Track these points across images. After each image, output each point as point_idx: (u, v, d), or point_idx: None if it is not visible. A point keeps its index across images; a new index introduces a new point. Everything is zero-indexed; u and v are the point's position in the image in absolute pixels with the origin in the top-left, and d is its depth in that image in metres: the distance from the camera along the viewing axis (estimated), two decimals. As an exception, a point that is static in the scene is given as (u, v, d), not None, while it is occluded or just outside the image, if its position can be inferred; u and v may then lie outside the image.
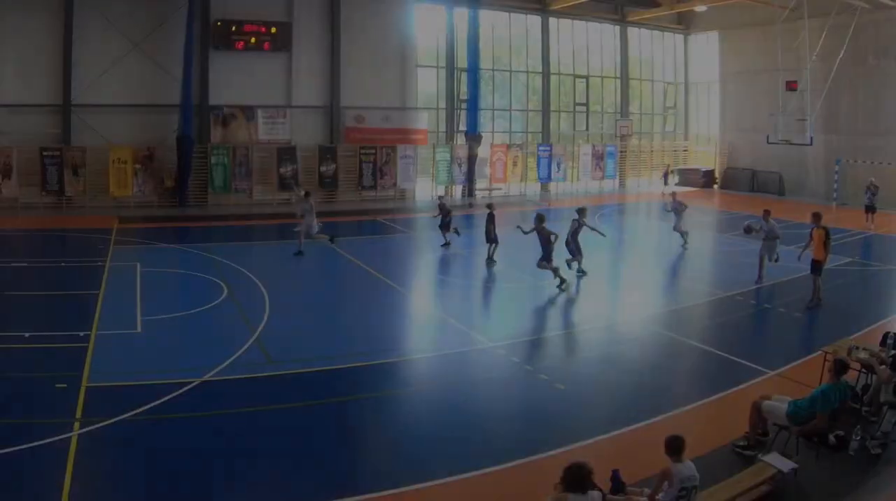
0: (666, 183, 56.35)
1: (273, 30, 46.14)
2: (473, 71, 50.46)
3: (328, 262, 28.86)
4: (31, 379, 15.44)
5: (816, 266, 22.85)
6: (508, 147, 53.16)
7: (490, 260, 28.82)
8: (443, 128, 52.99)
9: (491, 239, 28.89)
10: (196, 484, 11.66)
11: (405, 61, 50.86)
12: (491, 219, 28.93)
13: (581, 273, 26.71)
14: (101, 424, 13.31)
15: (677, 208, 32.46)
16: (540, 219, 24.97)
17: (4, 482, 11.24)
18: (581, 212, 26.90)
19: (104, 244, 30.62)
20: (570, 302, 23.85)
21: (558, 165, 54.84)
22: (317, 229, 29.16)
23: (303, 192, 31.14)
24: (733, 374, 16.87)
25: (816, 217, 23.03)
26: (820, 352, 16.22)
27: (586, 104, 58.56)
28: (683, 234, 32.53)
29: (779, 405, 12.94)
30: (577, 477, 8.74)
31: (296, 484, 11.73)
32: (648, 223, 44.22)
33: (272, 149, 46.83)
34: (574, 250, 26.44)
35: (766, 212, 26.08)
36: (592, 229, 27.05)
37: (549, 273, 25.07)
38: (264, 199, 46.16)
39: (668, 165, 59.14)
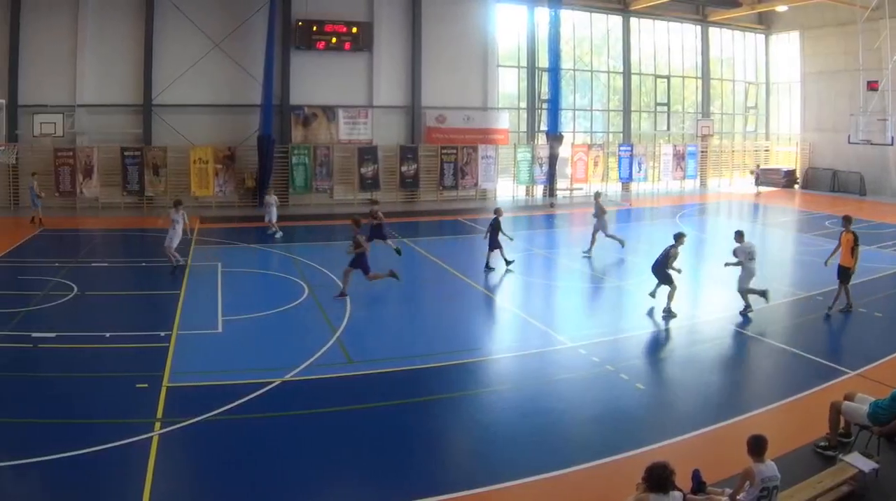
0: (757, 183, 52.57)
1: (354, 30, 43.82)
2: (555, 71, 46.97)
3: (409, 262, 26.57)
4: (112, 379, 14.88)
5: (844, 273, 20.48)
6: (589, 147, 50.05)
7: (488, 268, 26.23)
8: (524, 128, 49.93)
9: (494, 245, 25.98)
10: (275, 485, 11.04)
11: (486, 61, 47.91)
12: (496, 225, 25.93)
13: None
14: (181, 424, 12.79)
15: (598, 213, 28.59)
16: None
17: (88, 481, 10.83)
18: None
19: (185, 244, 28.10)
20: (651, 303, 21.65)
21: (639, 165, 51.49)
22: (177, 243, 24.67)
23: (174, 202, 26.04)
24: (814, 374, 15.96)
25: (846, 220, 20.83)
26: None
27: (667, 104, 54.87)
28: (617, 240, 28.92)
29: (858, 406, 12.11)
30: (659, 478, 8.30)
31: (375, 485, 11.22)
32: (729, 223, 40.57)
33: (353, 148, 44.38)
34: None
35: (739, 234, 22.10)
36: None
37: (632, 273, 24.68)
38: (345, 199, 43.77)
39: (758, 166, 54.61)
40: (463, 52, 47.09)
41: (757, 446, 9.42)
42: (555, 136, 47.24)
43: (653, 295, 21.74)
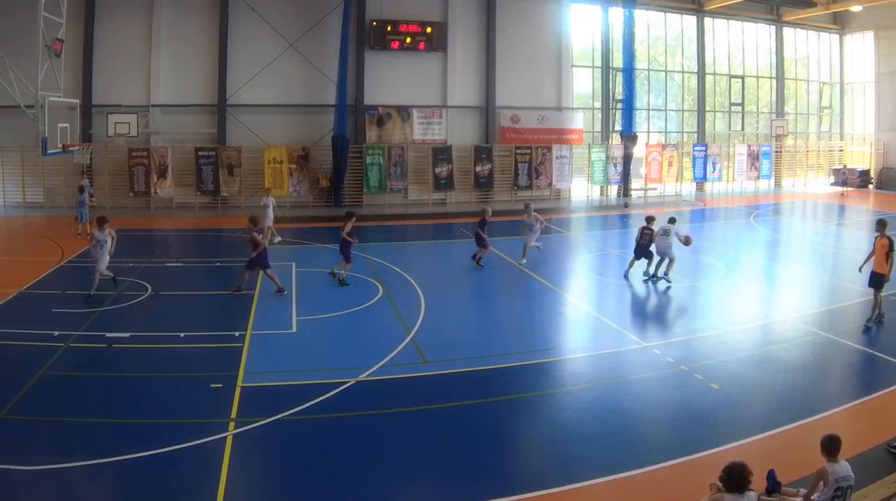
0: (844, 183, 48.85)
1: (428, 30, 41.05)
2: (629, 71, 43.94)
3: (483, 262, 24.99)
4: (186, 380, 14.34)
5: (877, 280, 18.36)
6: (664, 147, 46.79)
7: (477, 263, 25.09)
8: (598, 128, 46.70)
9: (482, 243, 24.79)
10: (349, 484, 10.52)
11: (560, 61, 44.70)
12: (482, 225, 24.67)
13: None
14: (255, 424, 12.25)
15: (531, 225, 25.59)
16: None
17: (163, 481, 10.34)
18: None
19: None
20: (725, 302, 21.29)
21: (714, 165, 48.25)
22: (106, 265, 20.52)
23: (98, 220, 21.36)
24: (888, 374, 15.15)
25: (881, 225, 18.90)
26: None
27: (741, 104, 51.76)
28: (526, 249, 25.86)
29: None
30: (738, 478, 7.83)
31: (450, 485, 10.59)
32: (803, 223, 39.27)
33: (427, 149, 41.48)
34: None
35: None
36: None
37: (713, 273, 24.47)
38: (420, 199, 41.36)
39: (844, 166, 50.75)
40: (537, 51, 44.05)
41: (831, 446, 8.88)
42: (629, 136, 44.24)
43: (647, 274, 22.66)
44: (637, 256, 23.18)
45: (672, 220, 22.74)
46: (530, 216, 25.25)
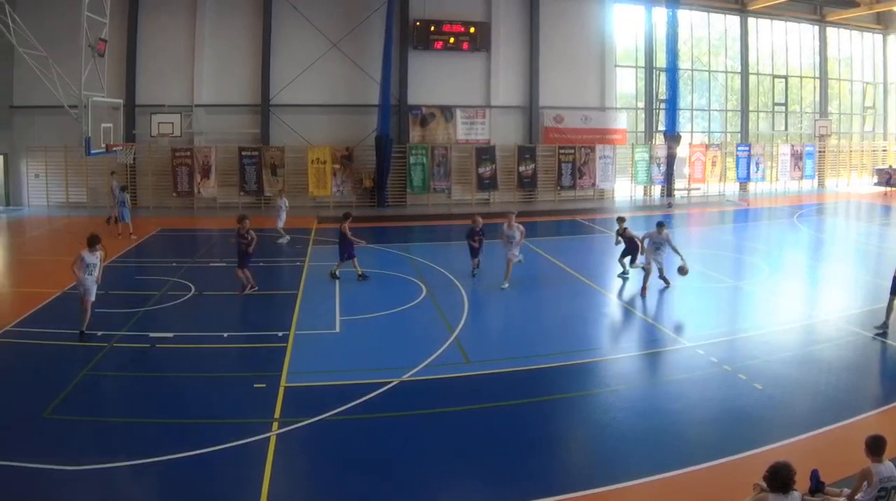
0: (888, 183, 46.82)
1: (472, 30, 39.38)
2: (672, 71, 42.08)
3: (527, 262, 23.89)
4: (230, 379, 14.03)
5: None
6: (707, 147, 44.90)
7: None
8: (641, 127, 44.71)
9: (475, 252, 22.36)
10: (393, 484, 10.15)
11: (604, 61, 42.75)
12: (472, 232, 22.25)
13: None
14: (299, 424, 11.80)
15: (511, 236, 21.60)
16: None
17: (206, 481, 10.01)
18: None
19: (303, 244, 27.51)
20: (768, 302, 20.36)
21: (757, 165, 46.16)
22: (94, 295, 16.50)
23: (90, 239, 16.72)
24: None
25: None
26: None
27: (785, 104, 49.51)
28: (509, 268, 21.68)
29: None
30: (782, 478, 7.62)
31: (493, 485, 10.22)
32: (847, 223, 37.85)
33: (471, 149, 39.74)
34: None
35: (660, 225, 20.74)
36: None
37: (756, 273, 23.58)
38: (463, 199, 39.66)
39: (891, 166, 48.63)
40: (580, 51, 42.18)
41: (875, 446, 8.52)
42: (672, 136, 42.42)
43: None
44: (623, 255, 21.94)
45: (661, 225, 20.52)
46: (511, 225, 21.48)
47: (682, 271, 20.10)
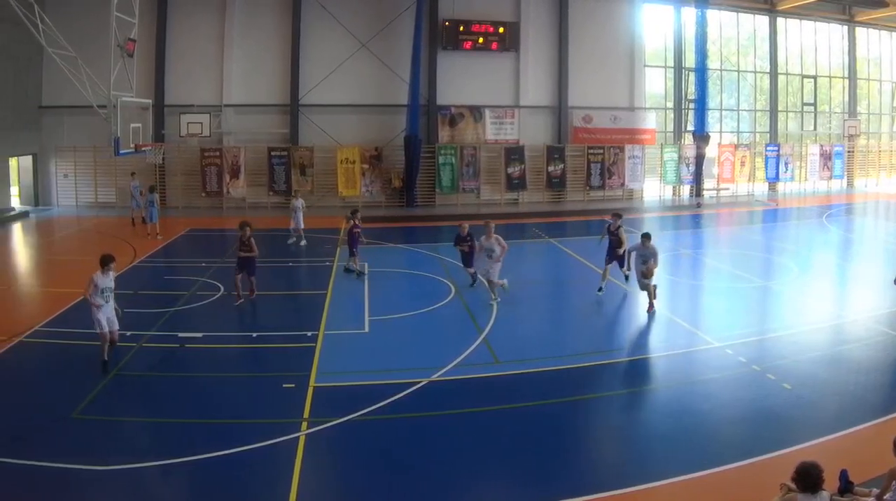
0: None
1: (501, 29, 38.23)
2: (701, 70, 40.86)
3: (556, 263, 24.73)
4: (259, 379, 13.70)
5: None
6: (736, 147, 43.54)
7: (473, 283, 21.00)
8: (670, 127, 43.38)
9: (469, 263, 20.80)
10: (422, 485, 9.87)
11: (633, 61, 41.48)
12: (459, 238, 20.66)
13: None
14: (328, 424, 11.50)
15: (490, 249, 19.17)
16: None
17: (235, 480, 9.77)
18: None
19: (332, 244, 26.77)
20: (797, 302, 19.91)
21: (786, 165, 44.86)
22: (117, 324, 14.63)
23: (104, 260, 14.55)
24: None
25: None
26: None
27: (814, 104, 48.23)
28: (493, 286, 19.25)
29: None
30: (811, 478, 7.45)
31: (523, 485, 9.96)
32: (876, 223, 37.18)
33: (499, 148, 38.66)
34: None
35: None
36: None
37: (785, 273, 22.94)
38: (492, 199, 38.75)
39: None
40: (609, 51, 40.95)
41: None
42: (701, 136, 41.13)
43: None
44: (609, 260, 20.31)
45: (646, 237, 18.67)
46: (489, 237, 19.06)
47: (646, 274, 18.22)
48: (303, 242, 26.53)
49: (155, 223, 28.05)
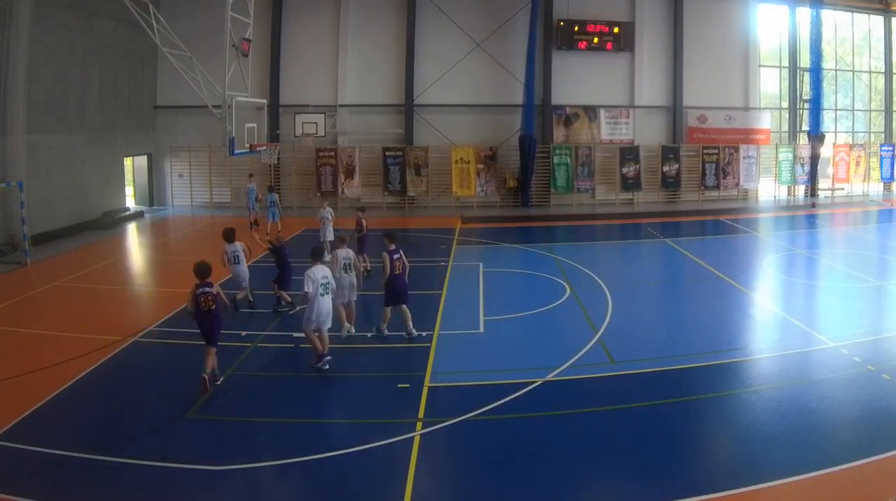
0: None
1: (616, 29, 35.93)
2: (816, 71, 38.03)
3: (670, 262, 23.75)
4: (374, 379, 13.20)
5: None
6: (851, 147, 40.77)
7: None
8: (785, 128, 40.86)
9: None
10: (535, 484, 9.44)
11: (748, 61, 38.70)
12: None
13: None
14: (443, 424, 11.01)
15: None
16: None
17: (350, 480, 9.43)
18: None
19: (447, 244, 26.02)
20: None
21: None
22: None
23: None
24: None
25: None
26: None
27: None
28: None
29: None
30: None
31: (637, 484, 9.48)
32: None
33: (614, 148, 36.25)
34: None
35: None
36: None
37: (894, 273, 22.35)
38: (607, 199, 36.32)
39: None
40: (724, 51, 38.27)
41: None
42: (816, 136, 38.36)
43: None
44: None
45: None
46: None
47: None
48: (327, 257, 21.27)
49: (276, 222, 26.41)
